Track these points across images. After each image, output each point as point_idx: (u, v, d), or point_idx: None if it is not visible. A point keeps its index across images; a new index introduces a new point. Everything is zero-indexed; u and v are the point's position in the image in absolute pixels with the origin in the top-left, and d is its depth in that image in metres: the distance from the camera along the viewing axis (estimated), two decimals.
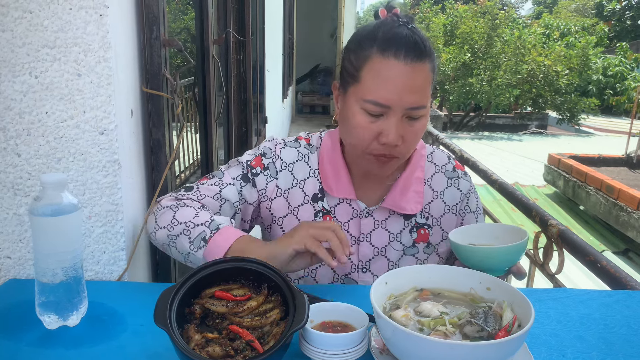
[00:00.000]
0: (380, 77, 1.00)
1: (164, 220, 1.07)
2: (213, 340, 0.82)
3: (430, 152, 1.23)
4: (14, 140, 1.08)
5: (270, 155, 1.17)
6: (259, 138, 4.03)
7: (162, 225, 1.07)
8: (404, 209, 1.15)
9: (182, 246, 1.04)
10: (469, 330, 0.81)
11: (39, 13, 1.03)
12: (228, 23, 2.55)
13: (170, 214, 1.07)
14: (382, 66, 1.00)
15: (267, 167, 1.16)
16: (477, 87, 12.03)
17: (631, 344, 0.94)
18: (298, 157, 1.18)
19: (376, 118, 1.02)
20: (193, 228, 1.03)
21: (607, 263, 1.45)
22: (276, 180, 1.16)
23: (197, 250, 1.02)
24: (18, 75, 1.05)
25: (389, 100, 1.00)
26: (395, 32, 1.01)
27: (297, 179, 1.17)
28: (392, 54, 0.99)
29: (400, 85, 0.99)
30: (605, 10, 24.35)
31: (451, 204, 1.20)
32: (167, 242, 1.06)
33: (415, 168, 1.17)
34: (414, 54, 0.99)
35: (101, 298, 1.04)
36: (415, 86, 1.00)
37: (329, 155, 1.16)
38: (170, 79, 1.29)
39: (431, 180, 1.20)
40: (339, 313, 0.89)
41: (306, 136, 1.22)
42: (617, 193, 5.97)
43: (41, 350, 0.88)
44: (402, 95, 0.99)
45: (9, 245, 1.13)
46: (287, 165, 1.17)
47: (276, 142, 1.19)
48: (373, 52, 1.01)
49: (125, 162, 1.15)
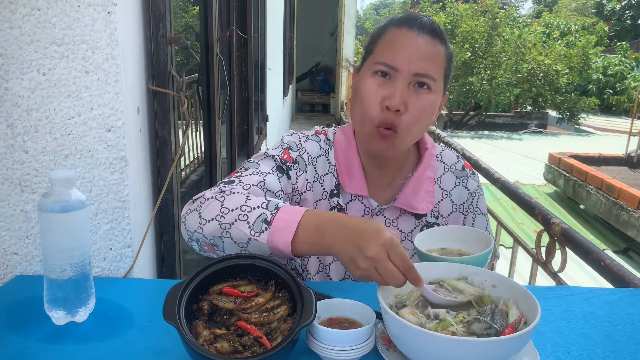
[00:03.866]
0: (392, 43, 1.06)
1: (211, 211, 0.94)
2: (221, 336, 0.82)
3: (439, 151, 1.23)
4: (21, 137, 1.08)
5: (296, 149, 1.15)
6: (259, 136, 4.03)
7: (210, 217, 0.94)
8: (415, 208, 1.15)
9: (240, 234, 0.91)
10: (476, 327, 0.82)
11: (47, 10, 1.03)
12: (231, 21, 2.55)
13: (217, 204, 0.95)
14: (396, 35, 1.06)
15: (295, 160, 1.14)
16: (477, 86, 12.05)
17: (635, 341, 0.94)
18: (320, 151, 1.18)
19: (384, 81, 1.05)
20: (250, 212, 0.92)
21: (610, 261, 1.45)
22: (305, 174, 1.15)
23: (260, 235, 0.90)
24: (26, 72, 1.05)
25: (397, 62, 1.04)
26: (413, 15, 1.09)
27: (319, 173, 1.16)
28: (407, 26, 1.06)
29: (410, 50, 1.04)
30: (605, 10, 24.36)
31: (458, 203, 1.21)
32: (219, 233, 0.93)
33: (426, 168, 1.18)
34: (427, 30, 1.05)
35: (108, 294, 1.04)
36: (425, 54, 1.04)
37: (343, 151, 1.17)
38: (176, 77, 1.29)
39: (441, 180, 1.21)
40: (346, 310, 0.90)
41: (323, 130, 1.22)
42: (618, 192, 5.99)
43: (50, 346, 0.88)
44: (411, 60, 1.03)
45: (16, 242, 1.13)
46: (312, 159, 1.16)
47: (299, 136, 1.18)
48: (390, 26, 1.09)
49: (132, 159, 1.16)
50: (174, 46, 1.32)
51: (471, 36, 12.39)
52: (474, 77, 12.11)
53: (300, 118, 10.32)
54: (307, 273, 1.18)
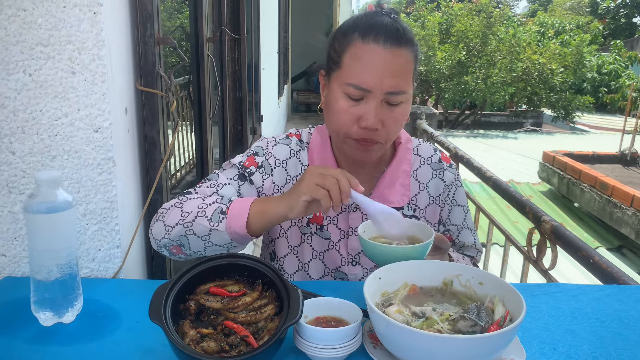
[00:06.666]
0: (360, 61, 1.03)
1: (174, 217, 1.03)
2: (208, 336, 0.82)
3: (416, 145, 1.25)
4: (8, 138, 1.08)
5: (262, 154, 1.18)
6: (254, 136, 4.03)
7: (173, 222, 1.02)
8: (390, 202, 1.17)
9: (201, 227, 1.00)
10: (462, 325, 0.82)
11: (32, 11, 1.03)
12: (223, 21, 2.55)
13: (177, 211, 1.04)
14: (363, 51, 1.03)
15: (261, 165, 1.17)
16: (472, 85, 12.06)
17: (622, 337, 0.95)
18: (290, 154, 1.19)
19: (357, 102, 1.05)
20: (207, 208, 1.01)
21: (599, 258, 1.46)
22: (272, 177, 1.17)
23: (219, 224, 0.99)
24: (12, 73, 1.05)
25: (369, 83, 1.02)
26: (376, 20, 1.05)
27: (290, 175, 1.18)
28: (372, 39, 1.02)
29: (380, 69, 1.02)
30: (599, 8, 24.45)
31: (435, 195, 1.23)
32: (184, 232, 1.01)
33: (401, 161, 1.20)
34: (394, 39, 1.02)
35: (96, 295, 1.04)
36: (395, 70, 1.02)
37: (319, 150, 1.18)
38: (164, 77, 1.29)
39: (417, 173, 1.22)
40: (333, 308, 0.90)
41: (296, 132, 1.24)
42: (611, 190, 6.01)
43: (37, 347, 0.88)
44: (382, 79, 1.02)
45: (4, 243, 1.13)
46: (280, 162, 1.18)
47: (267, 141, 1.21)
48: (354, 37, 1.05)
49: (120, 159, 1.16)
50: (164, 47, 1.32)
51: (466, 35, 12.40)
52: (469, 76, 12.12)
53: (296, 118, 10.32)
54: (284, 273, 1.18)
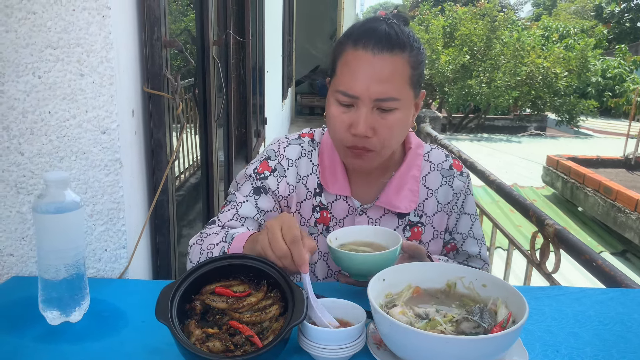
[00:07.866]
0: (349, 68, 1.04)
1: (195, 255, 1.11)
2: (213, 336, 0.83)
3: (427, 150, 1.24)
4: (17, 139, 1.09)
5: (275, 157, 1.19)
6: (258, 139, 4.05)
7: (195, 259, 1.10)
8: (397, 207, 1.16)
9: None
10: (465, 326, 0.83)
11: (42, 14, 1.04)
12: (228, 24, 2.57)
13: (197, 248, 1.11)
14: (352, 57, 1.03)
15: (274, 168, 1.18)
16: (476, 89, 12.05)
17: (624, 340, 0.95)
18: (302, 153, 1.20)
19: (347, 109, 1.05)
20: (214, 248, 1.07)
21: (602, 262, 1.46)
22: (286, 178, 1.18)
23: None
24: (22, 75, 1.06)
25: (355, 90, 1.02)
26: (369, 26, 1.05)
27: (300, 175, 1.19)
28: (362, 46, 1.03)
29: (367, 75, 1.02)
30: (604, 13, 24.41)
31: (443, 202, 1.21)
32: None
33: (410, 166, 1.19)
34: (383, 45, 1.01)
35: (103, 295, 1.05)
36: (383, 77, 1.02)
37: (328, 151, 1.19)
38: (171, 79, 1.31)
39: (426, 179, 1.21)
40: (337, 309, 0.91)
41: (309, 132, 1.24)
42: (615, 194, 5.99)
43: (44, 346, 0.89)
44: (369, 85, 1.01)
45: (12, 243, 1.14)
46: (292, 162, 1.19)
47: (279, 143, 1.22)
48: (347, 45, 1.05)
49: (127, 161, 1.17)
50: (170, 49, 1.34)
51: (470, 39, 12.39)
52: (473, 80, 12.11)
53: (299, 121, 10.34)
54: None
